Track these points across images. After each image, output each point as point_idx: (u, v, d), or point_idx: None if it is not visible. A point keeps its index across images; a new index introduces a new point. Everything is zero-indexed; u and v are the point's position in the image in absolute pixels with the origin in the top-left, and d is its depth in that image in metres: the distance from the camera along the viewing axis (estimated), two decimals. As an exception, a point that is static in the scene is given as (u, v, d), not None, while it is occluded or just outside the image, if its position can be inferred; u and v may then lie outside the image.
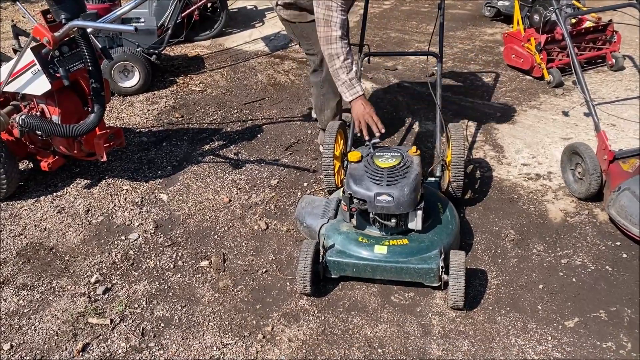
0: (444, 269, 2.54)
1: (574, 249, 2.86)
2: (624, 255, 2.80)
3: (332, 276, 2.68)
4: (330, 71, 2.93)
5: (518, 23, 4.81)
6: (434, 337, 2.41)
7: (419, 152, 2.81)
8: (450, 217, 2.82)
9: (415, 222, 2.67)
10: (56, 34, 2.81)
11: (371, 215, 2.70)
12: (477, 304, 2.56)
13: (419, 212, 2.64)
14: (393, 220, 2.67)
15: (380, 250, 2.62)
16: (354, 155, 2.80)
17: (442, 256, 2.57)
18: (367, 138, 2.88)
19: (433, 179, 3.14)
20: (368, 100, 2.95)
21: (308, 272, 2.55)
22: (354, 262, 2.62)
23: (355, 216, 2.75)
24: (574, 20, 4.72)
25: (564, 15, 3.66)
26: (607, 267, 2.74)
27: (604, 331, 2.39)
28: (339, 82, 2.91)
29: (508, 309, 2.53)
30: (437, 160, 3.18)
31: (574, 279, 2.67)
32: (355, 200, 2.64)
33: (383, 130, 2.87)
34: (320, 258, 2.65)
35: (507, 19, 5.97)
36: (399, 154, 2.77)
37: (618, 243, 2.88)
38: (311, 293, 2.61)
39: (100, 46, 3.29)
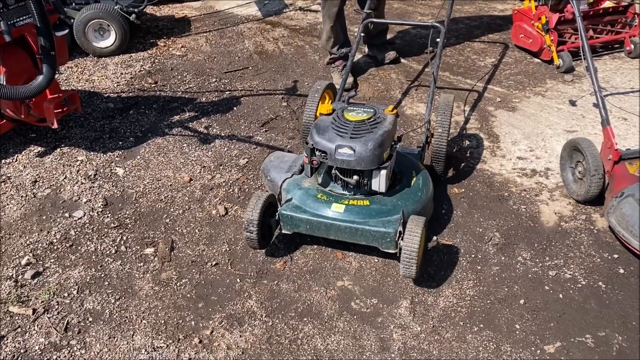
0: (402, 235, 2.31)
1: (565, 260, 2.53)
2: (621, 271, 2.46)
3: (286, 232, 2.53)
4: None
5: (530, -1, 4.37)
6: (392, 354, 2.10)
7: (395, 111, 2.62)
8: (422, 184, 2.62)
9: (379, 183, 2.47)
10: (-13, -19, 2.47)
11: (333, 171, 2.52)
12: (447, 318, 2.25)
13: (383, 172, 2.45)
14: (355, 177, 2.47)
15: (337, 208, 2.45)
16: (324, 107, 2.66)
17: (402, 221, 2.36)
18: None
19: (416, 149, 2.96)
20: None
21: (255, 221, 2.38)
22: (308, 219, 2.45)
23: (322, 173, 2.60)
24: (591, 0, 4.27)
25: (578, -9, 3.23)
26: (600, 283, 2.40)
27: (589, 360, 2.08)
28: None
29: (481, 326, 2.22)
30: (423, 130, 2.98)
31: (560, 295, 2.35)
32: (317, 153, 2.47)
33: None
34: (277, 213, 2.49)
35: (521, -6, 5.50)
36: (372, 111, 2.60)
37: (616, 256, 2.54)
38: (260, 248, 2.47)
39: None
